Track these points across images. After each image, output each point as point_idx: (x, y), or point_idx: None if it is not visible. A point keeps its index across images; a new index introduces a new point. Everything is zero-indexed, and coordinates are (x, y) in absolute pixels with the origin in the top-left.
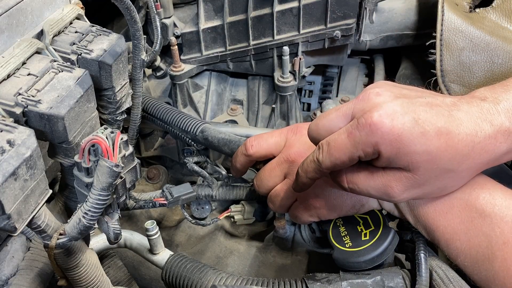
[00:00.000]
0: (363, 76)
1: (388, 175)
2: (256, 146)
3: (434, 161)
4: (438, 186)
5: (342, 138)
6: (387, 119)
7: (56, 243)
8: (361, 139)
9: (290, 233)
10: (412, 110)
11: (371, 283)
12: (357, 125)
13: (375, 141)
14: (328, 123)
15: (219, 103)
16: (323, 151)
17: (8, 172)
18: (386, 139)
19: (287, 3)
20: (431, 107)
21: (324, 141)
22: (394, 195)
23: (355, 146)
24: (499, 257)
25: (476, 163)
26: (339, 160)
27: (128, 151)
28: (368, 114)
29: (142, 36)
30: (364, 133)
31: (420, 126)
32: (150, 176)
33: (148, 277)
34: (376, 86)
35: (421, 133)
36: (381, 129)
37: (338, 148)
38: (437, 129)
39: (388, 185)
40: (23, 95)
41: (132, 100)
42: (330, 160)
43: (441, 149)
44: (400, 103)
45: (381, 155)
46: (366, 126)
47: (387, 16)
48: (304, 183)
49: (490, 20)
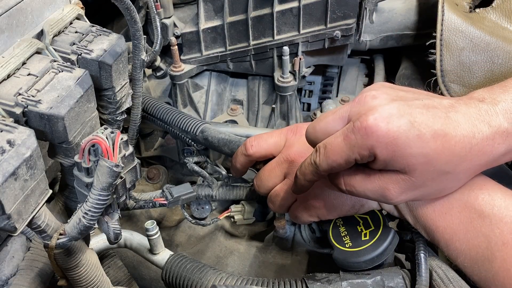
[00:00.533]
0: (363, 76)
1: (384, 178)
2: (256, 146)
3: (431, 163)
4: (436, 188)
5: (338, 141)
6: (383, 122)
7: (56, 243)
8: (357, 142)
9: (290, 233)
10: (408, 112)
11: (371, 283)
12: (352, 128)
13: (371, 144)
14: (325, 126)
15: (219, 103)
16: (320, 154)
17: (8, 172)
18: (381, 142)
19: (287, 3)
20: (427, 109)
21: (321, 144)
22: (391, 197)
23: (351, 149)
24: (499, 257)
25: (474, 165)
26: (335, 163)
27: (128, 151)
28: (364, 117)
29: (142, 36)
30: (359, 136)
31: (416, 129)
32: (150, 176)
33: (148, 277)
34: (372, 88)
35: (417, 136)
36: (376, 132)
37: (335, 151)
38: (434, 132)
39: (385, 187)
40: (23, 95)
41: (132, 100)
42: (327, 163)
43: (438, 151)
44: (396, 106)
45: (377, 158)
46: (362, 129)
47: (387, 16)
48: (302, 185)
49: (490, 20)
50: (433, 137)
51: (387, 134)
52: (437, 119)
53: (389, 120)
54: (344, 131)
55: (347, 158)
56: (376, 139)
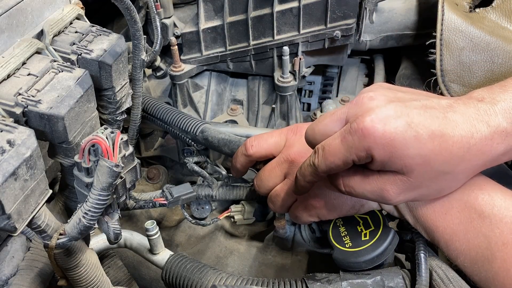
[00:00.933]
0: (363, 76)
1: (383, 179)
2: (256, 146)
3: (428, 164)
4: (435, 188)
5: (336, 143)
6: (379, 123)
7: (56, 243)
8: (354, 144)
9: (290, 233)
10: (405, 113)
11: (371, 283)
12: (349, 129)
13: (368, 145)
14: (324, 127)
15: (219, 103)
16: (319, 155)
17: (8, 172)
18: (378, 144)
19: (287, 3)
20: (425, 110)
21: (319, 146)
22: (389, 197)
23: (348, 151)
24: (499, 258)
25: (473, 165)
26: (333, 164)
27: (128, 151)
28: (360, 119)
29: (142, 36)
30: (356, 138)
31: (413, 130)
32: (150, 176)
33: (148, 277)
34: (370, 90)
35: (414, 137)
36: (373, 134)
37: (333, 153)
38: (431, 132)
39: (383, 188)
40: (23, 95)
41: (132, 100)
42: (325, 164)
43: (435, 152)
44: (393, 107)
45: (374, 159)
46: (359, 130)
47: (387, 16)
48: (302, 186)
49: (490, 20)
50: (430, 137)
51: (383, 135)
52: (434, 120)
53: (386, 121)
54: (341, 132)
55: (344, 159)
56: (373, 141)
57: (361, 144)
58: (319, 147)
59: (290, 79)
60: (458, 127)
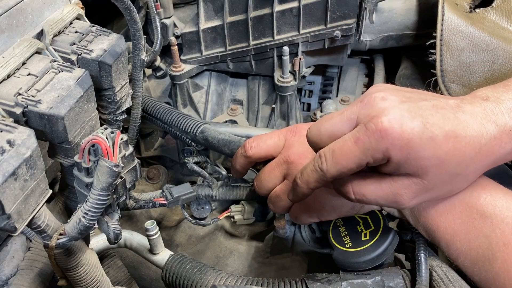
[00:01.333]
0: (363, 76)
1: (396, 183)
2: (255, 147)
3: (443, 165)
4: (445, 190)
5: (349, 145)
6: (397, 124)
7: (56, 243)
8: (371, 145)
9: (290, 233)
10: (419, 114)
11: (371, 283)
12: (365, 130)
13: (385, 147)
14: (332, 127)
15: (219, 103)
16: (327, 160)
17: (8, 172)
18: (396, 145)
19: (287, 3)
20: (436, 110)
21: (326, 150)
22: (403, 202)
23: (364, 153)
24: (500, 258)
25: (482, 165)
26: (346, 168)
27: (128, 151)
28: (376, 119)
29: (142, 36)
30: (374, 139)
31: (429, 130)
32: (150, 176)
33: (148, 277)
34: (379, 90)
35: (430, 138)
36: (392, 135)
37: (345, 156)
38: (445, 133)
39: (397, 193)
40: (23, 95)
41: (132, 100)
42: (336, 169)
43: (450, 153)
44: (407, 108)
45: (390, 160)
46: (376, 132)
47: (387, 16)
48: (304, 194)
49: (490, 20)
50: (445, 138)
51: (401, 136)
52: (447, 120)
53: (402, 122)
54: (354, 134)
55: (359, 162)
56: (391, 142)
57: (378, 145)
58: (326, 152)
59: (290, 79)
60: (469, 127)
